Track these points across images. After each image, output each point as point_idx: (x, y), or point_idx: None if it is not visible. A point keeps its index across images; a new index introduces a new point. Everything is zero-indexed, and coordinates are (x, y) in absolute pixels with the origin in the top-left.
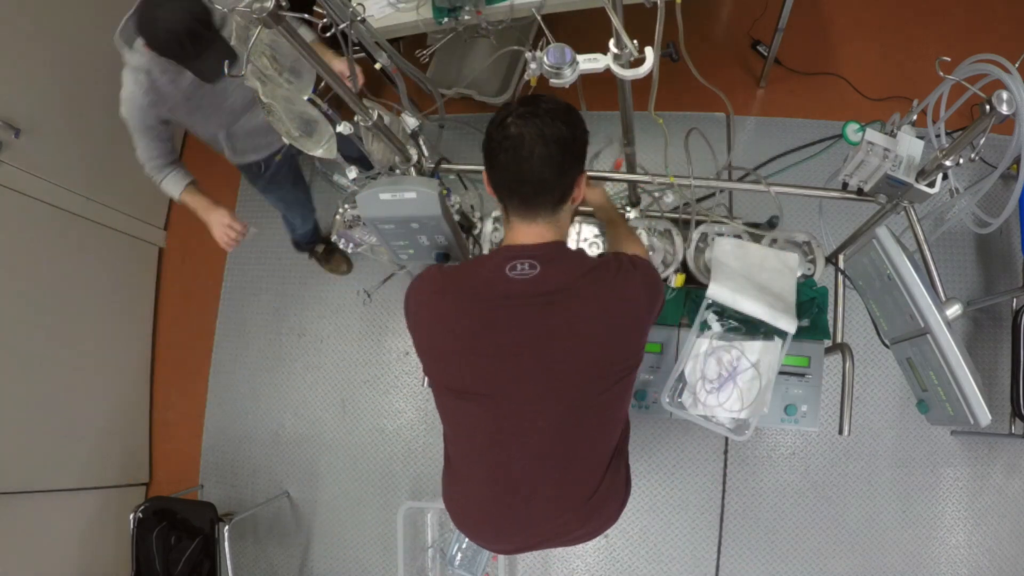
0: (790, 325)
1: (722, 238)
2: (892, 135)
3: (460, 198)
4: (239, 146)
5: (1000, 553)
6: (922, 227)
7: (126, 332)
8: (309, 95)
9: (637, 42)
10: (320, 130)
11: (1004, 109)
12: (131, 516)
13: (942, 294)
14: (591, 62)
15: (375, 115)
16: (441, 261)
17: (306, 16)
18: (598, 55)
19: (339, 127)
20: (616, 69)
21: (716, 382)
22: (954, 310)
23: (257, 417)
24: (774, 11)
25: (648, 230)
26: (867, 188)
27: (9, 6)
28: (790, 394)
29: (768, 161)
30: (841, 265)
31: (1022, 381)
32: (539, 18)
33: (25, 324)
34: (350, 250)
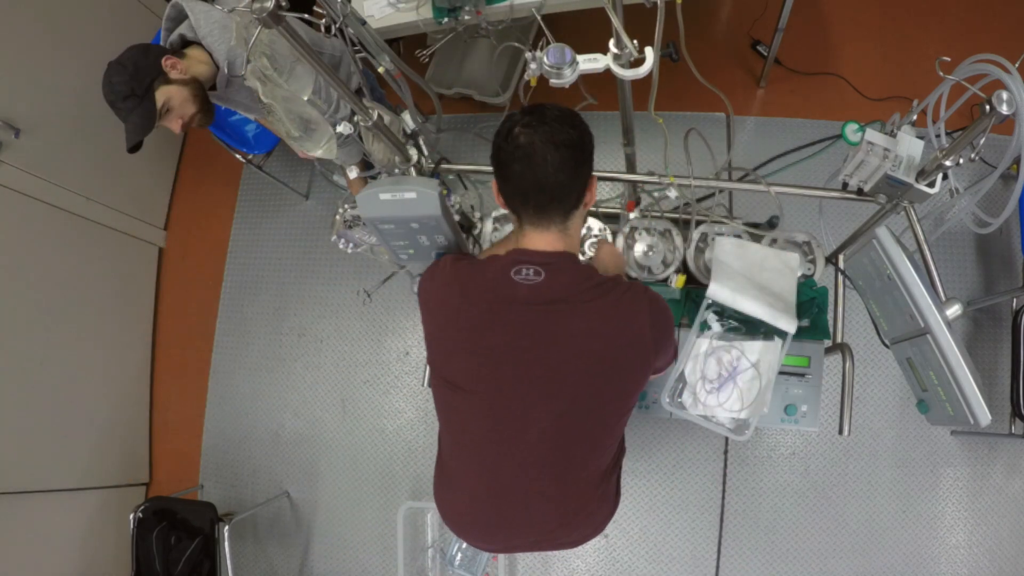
0: (790, 325)
1: (722, 238)
2: (892, 135)
3: (460, 198)
4: None
5: (1000, 553)
6: (922, 227)
7: (126, 332)
8: (309, 95)
9: (637, 42)
10: (320, 130)
11: (1004, 109)
12: (131, 516)
13: (942, 294)
14: (591, 62)
15: (375, 115)
16: None
17: (305, 16)
18: (598, 55)
19: (339, 127)
20: (616, 69)
21: (716, 382)
22: (954, 310)
23: (257, 417)
24: (774, 11)
25: (648, 230)
26: (867, 188)
27: (9, 6)
28: (790, 394)
29: (768, 161)
30: (841, 265)
31: (1022, 381)
32: (539, 18)
33: (25, 324)
34: (350, 250)
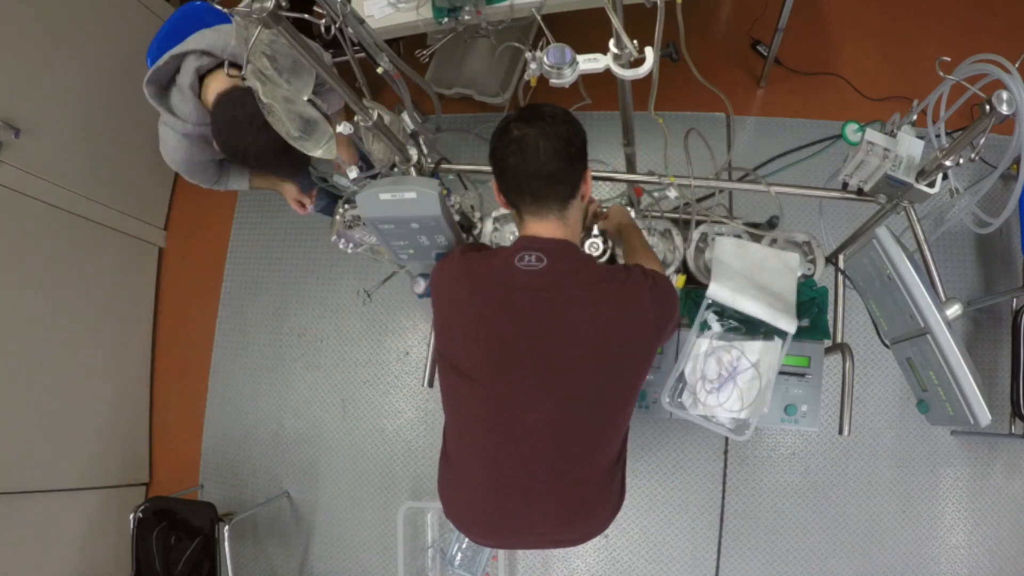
0: (790, 325)
1: (722, 238)
2: (892, 135)
3: (460, 198)
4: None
5: (1000, 553)
6: (922, 227)
7: (126, 332)
8: (309, 95)
9: (637, 42)
10: (320, 131)
11: (1004, 109)
12: (131, 516)
13: (942, 294)
14: (591, 62)
15: (375, 115)
16: None
17: (306, 15)
18: (598, 55)
19: (339, 127)
20: (616, 69)
21: (716, 382)
22: (954, 310)
23: (257, 417)
24: (774, 11)
25: (648, 230)
26: (867, 188)
27: (9, 6)
28: (790, 394)
29: (768, 161)
30: (841, 265)
31: (1022, 381)
32: (539, 18)
33: (25, 324)
34: (350, 250)
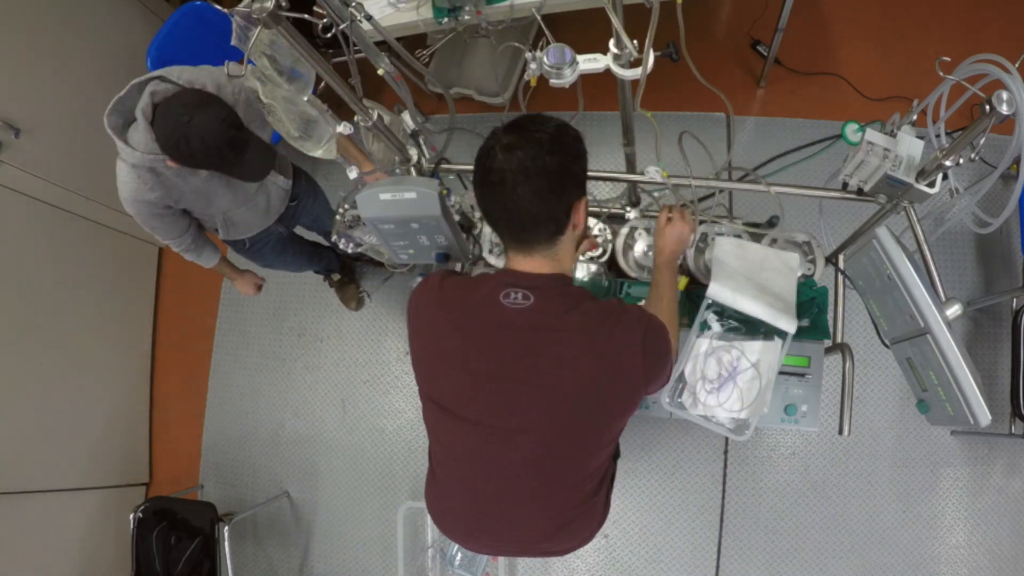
0: (790, 325)
1: (722, 238)
2: (892, 135)
3: (460, 198)
4: (232, 229)
5: (1000, 553)
6: (922, 227)
7: (126, 332)
8: (309, 96)
9: (637, 42)
10: (320, 131)
11: (1004, 109)
12: (131, 516)
13: (942, 294)
14: (591, 62)
15: (375, 115)
16: (441, 261)
17: (306, 15)
18: (598, 55)
19: (339, 127)
20: (616, 69)
21: (716, 382)
22: (954, 310)
23: (257, 417)
24: (774, 11)
25: (648, 230)
26: (867, 188)
27: (9, 6)
28: (790, 394)
29: (768, 161)
30: (841, 265)
31: (1022, 381)
32: (539, 18)
33: (25, 324)
34: (350, 250)
